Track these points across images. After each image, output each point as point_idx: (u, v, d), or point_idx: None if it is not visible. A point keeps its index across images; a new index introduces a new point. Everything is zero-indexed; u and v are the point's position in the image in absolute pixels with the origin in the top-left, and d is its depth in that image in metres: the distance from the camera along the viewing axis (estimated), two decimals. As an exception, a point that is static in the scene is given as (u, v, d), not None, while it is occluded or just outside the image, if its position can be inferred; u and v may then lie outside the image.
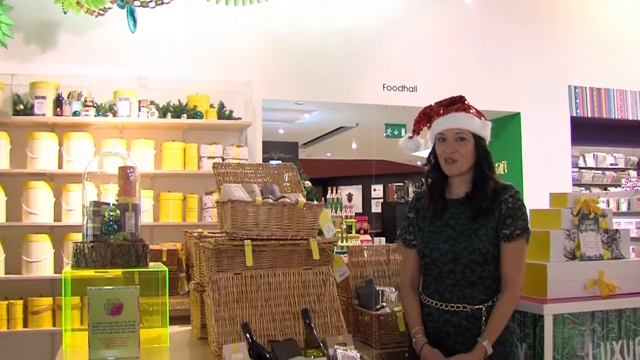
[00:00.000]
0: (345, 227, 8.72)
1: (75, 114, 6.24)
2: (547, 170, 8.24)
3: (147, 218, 6.23)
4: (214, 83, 6.81)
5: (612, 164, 11.11)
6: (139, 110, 6.41)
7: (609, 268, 3.14)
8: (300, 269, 2.85)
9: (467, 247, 2.57)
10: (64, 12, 6.01)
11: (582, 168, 10.78)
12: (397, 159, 16.66)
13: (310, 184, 7.19)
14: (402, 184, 14.05)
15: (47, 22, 6.62)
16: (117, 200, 3.24)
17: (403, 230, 2.85)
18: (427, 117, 2.78)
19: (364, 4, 7.75)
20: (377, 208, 17.40)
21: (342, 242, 7.78)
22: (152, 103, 6.50)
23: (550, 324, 2.87)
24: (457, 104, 2.70)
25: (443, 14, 8.12)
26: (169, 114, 6.50)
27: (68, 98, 6.32)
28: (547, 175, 8.07)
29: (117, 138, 6.43)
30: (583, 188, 10.40)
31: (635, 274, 3.23)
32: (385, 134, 8.81)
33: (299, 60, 7.47)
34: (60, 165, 6.25)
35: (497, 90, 8.19)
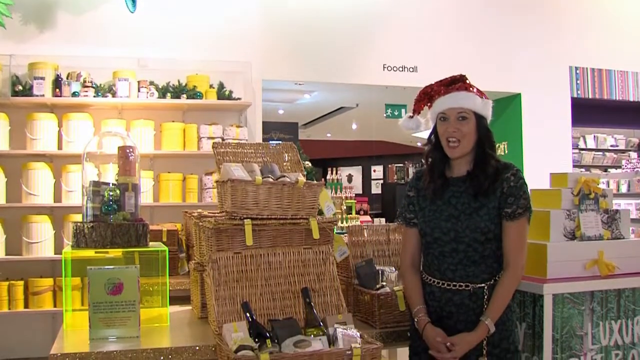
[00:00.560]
0: (345, 208, 8.70)
1: (75, 95, 6.23)
2: (547, 152, 8.23)
3: (147, 199, 6.23)
4: (214, 63, 6.79)
5: (612, 146, 11.08)
6: (139, 91, 6.39)
7: (609, 248, 3.14)
8: (300, 248, 2.85)
9: (469, 225, 2.57)
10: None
11: (582, 149, 10.76)
12: (397, 140, 16.63)
13: (310, 165, 7.17)
14: (402, 165, 14.02)
15: (45, 2, 6.59)
16: (116, 180, 3.24)
17: (403, 209, 2.83)
18: (427, 96, 2.76)
19: (364, -16, 7.70)
20: (377, 189, 17.39)
21: (342, 222, 7.77)
22: (151, 83, 6.48)
23: (550, 304, 2.87)
24: (458, 83, 2.68)
25: (444, -6, 8.08)
26: (169, 95, 6.48)
27: (67, 79, 6.30)
28: (547, 157, 8.07)
29: (116, 119, 6.42)
30: (583, 169, 10.38)
31: (635, 254, 3.22)
32: (386, 115, 8.79)
33: (299, 41, 7.44)
34: (60, 146, 6.24)
35: (497, 71, 8.15)
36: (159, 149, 6.48)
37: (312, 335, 2.49)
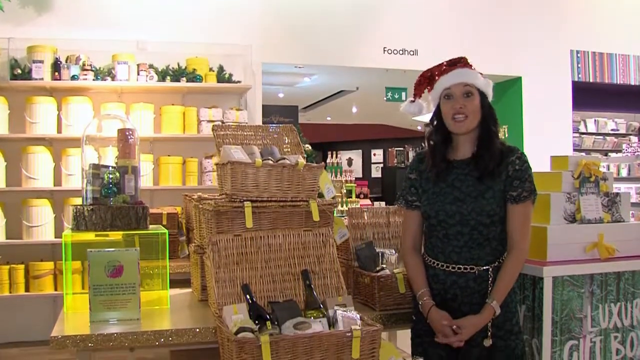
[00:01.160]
0: (345, 191, 8.71)
1: (74, 78, 6.21)
2: (547, 135, 8.22)
3: (146, 182, 6.23)
4: (213, 46, 6.76)
5: (613, 130, 11.06)
6: (138, 74, 6.37)
7: (609, 231, 3.13)
8: (300, 231, 2.84)
9: (474, 208, 2.56)
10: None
11: (582, 133, 10.74)
12: (397, 124, 16.63)
13: (310, 147, 7.16)
14: (402, 149, 14.04)
15: (43, -16, 6.55)
16: (116, 163, 3.23)
17: (404, 192, 2.81)
18: (428, 79, 2.75)
19: (365, -33, 7.65)
20: (377, 173, 17.42)
21: (341, 206, 7.78)
22: (151, 67, 6.45)
23: (550, 286, 2.87)
24: (460, 62, 2.69)
25: (445, -23, 8.03)
26: (168, 78, 6.46)
27: (66, 62, 6.28)
28: (547, 140, 8.05)
29: (116, 102, 6.41)
30: (584, 153, 10.35)
31: (635, 237, 3.22)
32: (386, 98, 8.78)
33: (299, 23, 7.41)
34: (60, 130, 6.23)
35: (498, 55, 8.12)
36: (159, 132, 6.47)
37: (312, 317, 2.49)
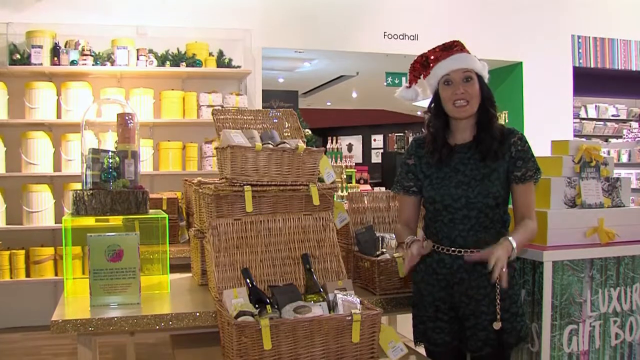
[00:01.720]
0: (345, 177, 8.72)
1: (73, 63, 6.18)
2: (548, 121, 8.21)
3: (146, 167, 6.23)
4: (213, 31, 6.74)
5: (613, 115, 11.04)
6: (138, 59, 6.35)
7: (609, 216, 3.13)
8: (300, 215, 2.84)
9: (481, 191, 2.55)
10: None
11: (583, 119, 10.72)
12: (397, 109, 16.60)
13: (310, 132, 7.16)
14: (402, 134, 14.04)
15: (42, -32, 6.51)
16: (116, 148, 3.22)
17: (401, 177, 2.79)
18: (423, 65, 2.73)
19: (365, -50, 7.61)
20: (377, 158, 17.43)
21: (341, 192, 7.79)
22: (150, 52, 6.43)
23: (550, 271, 2.88)
24: (456, 47, 2.67)
25: (445, -39, 7.99)
26: (168, 63, 6.44)
27: (65, 47, 6.25)
28: (548, 126, 8.03)
29: (115, 87, 6.40)
30: (584, 139, 10.35)
31: (635, 222, 3.22)
32: (386, 83, 8.77)
33: (299, 8, 7.37)
34: (59, 115, 6.22)
35: (499, 40, 8.09)
36: (159, 118, 6.46)
37: (312, 301, 2.49)
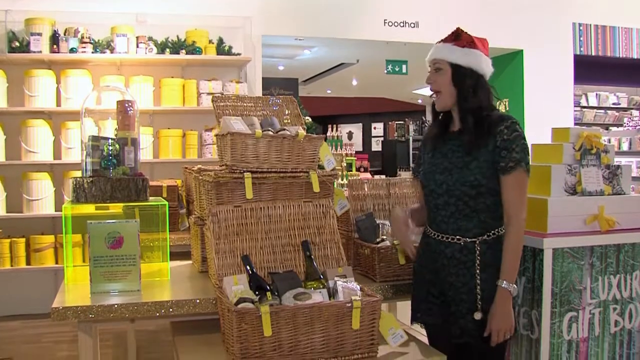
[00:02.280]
0: (345, 165, 8.72)
1: (72, 51, 6.17)
2: (548, 109, 8.20)
3: (146, 155, 6.23)
4: (213, 18, 6.71)
5: (614, 104, 11.01)
6: (137, 47, 6.33)
7: (610, 203, 3.13)
8: (301, 202, 2.84)
9: (459, 179, 2.56)
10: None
11: (584, 107, 10.69)
12: (397, 97, 16.58)
13: (311, 120, 7.15)
14: (402, 122, 14.00)
15: (40, -45, 6.47)
16: (116, 135, 3.22)
17: (415, 162, 2.90)
18: None
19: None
20: (377, 146, 17.43)
21: (342, 180, 7.79)
22: (150, 39, 6.41)
23: (550, 258, 2.88)
24: (445, 38, 2.67)
25: (446, -52, 7.94)
26: (168, 50, 6.43)
27: (64, 35, 6.23)
28: (548, 114, 8.02)
29: (115, 75, 6.39)
30: (585, 127, 10.33)
31: (636, 210, 3.22)
32: (386, 70, 8.75)
33: (299, -5, 7.36)
34: (59, 103, 6.21)
35: (500, 27, 8.06)
36: (159, 105, 6.45)
37: (312, 288, 2.49)
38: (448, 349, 2.55)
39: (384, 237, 3.12)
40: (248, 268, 2.57)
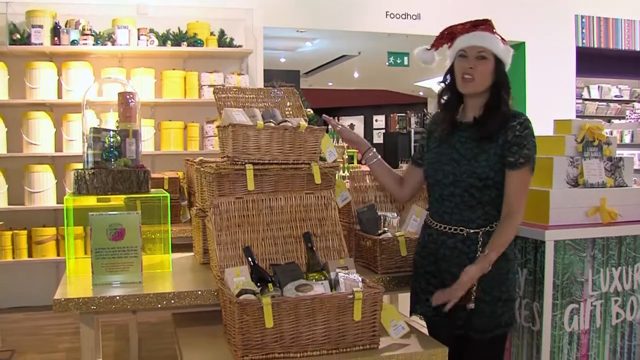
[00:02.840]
0: (347, 157, 8.71)
1: (74, 43, 6.16)
2: (550, 102, 8.17)
3: (148, 147, 6.22)
4: (214, 10, 6.70)
5: (616, 96, 10.97)
6: (138, 39, 6.32)
7: (611, 195, 3.13)
8: (302, 193, 2.83)
9: (466, 170, 2.56)
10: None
11: (586, 100, 10.66)
12: (399, 89, 16.55)
13: (312, 112, 7.14)
14: (404, 115, 13.99)
15: (41, -53, 6.45)
16: (117, 127, 3.21)
17: (416, 150, 2.90)
18: (450, 35, 2.72)
19: None
20: (378, 138, 17.40)
21: (343, 172, 7.77)
22: (151, 31, 6.40)
23: (551, 250, 2.88)
24: (482, 25, 2.66)
25: (448, -61, 7.91)
26: (169, 42, 6.42)
27: (66, 27, 6.22)
28: (550, 107, 7.99)
29: (116, 67, 6.38)
30: (587, 120, 10.29)
31: (637, 202, 3.21)
32: (388, 62, 8.73)
33: (301, -14, 7.34)
34: (60, 95, 6.21)
35: (502, 19, 7.91)
36: (160, 97, 6.44)
37: (313, 280, 2.49)
38: (448, 341, 2.55)
39: (386, 228, 3.12)
40: (250, 260, 2.57)
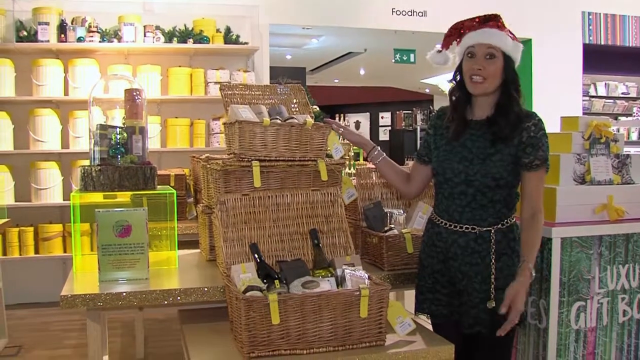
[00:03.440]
0: (353, 154, 8.70)
1: (80, 40, 6.17)
2: (557, 99, 8.15)
3: (154, 144, 6.23)
4: (220, 7, 6.70)
5: (623, 93, 10.92)
6: (145, 36, 6.33)
7: (619, 193, 3.12)
8: (309, 190, 2.83)
9: (480, 170, 2.53)
10: None
11: (592, 97, 10.60)
12: (405, 86, 16.53)
13: (318, 109, 7.14)
14: (410, 112, 13.97)
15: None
16: (123, 124, 3.21)
17: (420, 146, 2.85)
18: (457, 31, 2.66)
19: None
20: (384, 136, 17.40)
21: (349, 169, 7.77)
22: (157, 28, 6.41)
23: (558, 247, 2.87)
24: (491, 21, 2.61)
25: None
26: (175, 39, 6.42)
27: (72, 24, 6.23)
28: (557, 104, 7.97)
29: (122, 64, 6.38)
30: (593, 117, 10.25)
31: (644, 199, 3.21)
32: (394, 59, 8.72)
33: (306, -17, 7.34)
34: (66, 92, 6.23)
35: (508, 16, 7.82)
36: (166, 94, 6.45)
37: (320, 277, 2.49)
38: (455, 339, 2.54)
39: (392, 225, 3.11)
40: (256, 256, 2.57)
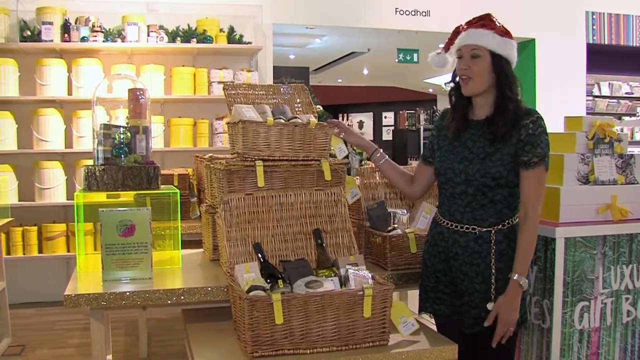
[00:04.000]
0: (357, 154, 8.69)
1: (84, 40, 6.18)
2: (561, 98, 8.14)
3: (157, 144, 6.24)
4: (224, 7, 6.71)
5: (627, 93, 10.90)
6: (148, 35, 6.34)
7: (622, 193, 3.11)
8: (312, 190, 2.83)
9: (479, 169, 2.54)
10: None
11: (596, 96, 10.59)
12: (408, 86, 16.53)
13: (322, 108, 7.14)
14: (413, 111, 13.92)
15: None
16: (127, 123, 3.22)
17: (425, 147, 2.87)
18: (455, 35, 2.69)
19: None
20: (388, 135, 17.41)
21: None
22: (161, 28, 6.41)
23: (562, 247, 2.87)
24: (480, 21, 2.61)
25: None
26: (179, 39, 6.43)
27: (75, 23, 6.25)
28: (560, 104, 7.96)
29: (126, 64, 6.40)
30: (597, 117, 10.22)
31: (649, 199, 3.20)
32: (397, 59, 8.72)
33: (310, -17, 7.34)
34: (70, 92, 6.24)
35: (512, 16, 7.93)
36: (169, 94, 6.46)
37: (323, 276, 2.49)
38: (457, 339, 2.54)
39: (396, 225, 3.11)
40: (259, 256, 2.57)
